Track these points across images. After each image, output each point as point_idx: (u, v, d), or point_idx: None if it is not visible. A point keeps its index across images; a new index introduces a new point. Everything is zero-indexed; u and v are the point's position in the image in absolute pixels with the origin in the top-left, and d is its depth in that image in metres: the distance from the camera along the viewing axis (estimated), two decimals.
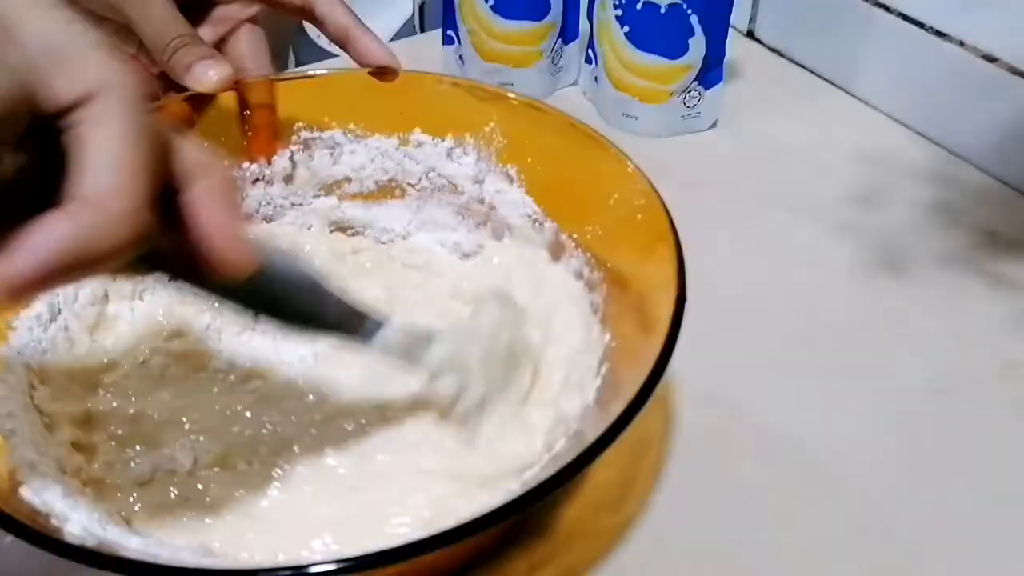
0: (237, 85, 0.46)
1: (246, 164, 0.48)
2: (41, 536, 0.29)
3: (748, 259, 0.55)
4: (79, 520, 0.32)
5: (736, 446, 0.44)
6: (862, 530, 0.40)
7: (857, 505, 0.41)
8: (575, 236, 0.44)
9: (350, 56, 0.48)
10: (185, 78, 0.44)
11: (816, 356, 0.49)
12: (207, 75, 0.44)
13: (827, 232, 0.57)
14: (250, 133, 0.48)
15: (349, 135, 0.49)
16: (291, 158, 0.49)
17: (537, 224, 0.46)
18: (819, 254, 0.56)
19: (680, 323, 0.35)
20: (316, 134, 0.48)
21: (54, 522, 0.31)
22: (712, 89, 0.65)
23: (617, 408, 0.32)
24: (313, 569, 0.28)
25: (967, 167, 0.62)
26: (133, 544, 0.33)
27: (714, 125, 0.67)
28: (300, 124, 0.48)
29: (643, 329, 0.36)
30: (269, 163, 0.48)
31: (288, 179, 0.49)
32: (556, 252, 0.45)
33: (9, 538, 0.29)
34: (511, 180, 0.47)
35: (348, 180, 0.50)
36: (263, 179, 0.49)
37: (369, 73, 0.48)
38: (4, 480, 0.33)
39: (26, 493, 0.32)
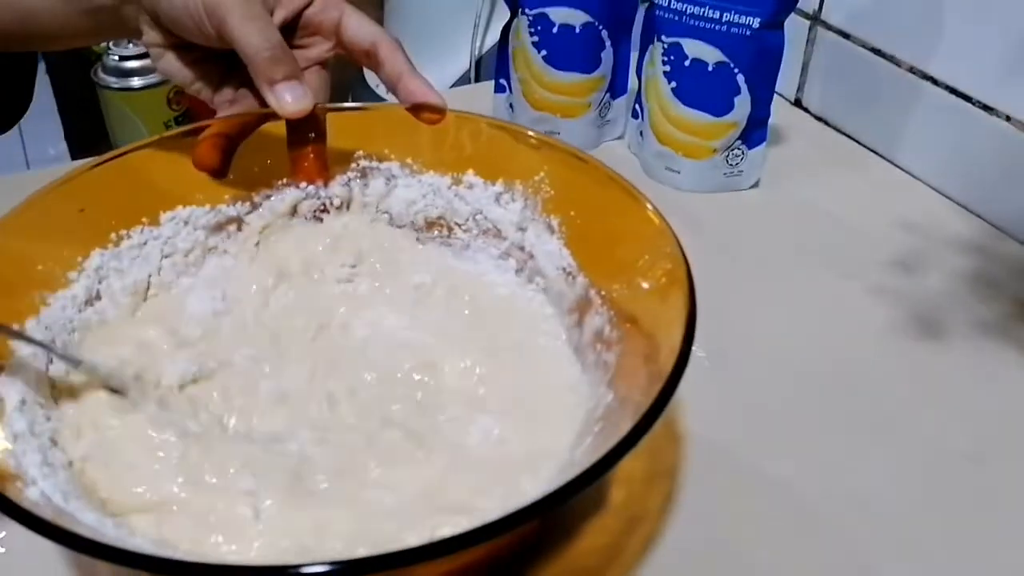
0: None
1: (303, 184, 0.49)
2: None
3: (780, 318, 0.56)
4: (44, 488, 0.33)
5: (747, 519, 0.43)
6: None
7: None
8: (603, 292, 0.44)
9: (397, 96, 0.50)
10: (266, 92, 0.46)
11: (844, 421, 0.49)
12: (285, 97, 0.46)
13: (862, 295, 0.57)
14: (298, 160, 0.49)
15: (405, 168, 0.50)
16: (347, 184, 0.50)
17: (570, 277, 0.46)
18: (853, 316, 0.56)
19: (682, 372, 0.34)
20: (374, 164, 0.50)
21: (18, 485, 0.32)
22: (755, 149, 0.67)
23: (596, 456, 0.31)
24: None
25: (1009, 241, 0.62)
26: (87, 520, 0.33)
27: (756, 185, 0.68)
28: (360, 153, 0.50)
29: (650, 383, 0.36)
30: (326, 186, 0.50)
31: (344, 205, 0.50)
32: (583, 307, 0.45)
33: None
34: (552, 231, 0.47)
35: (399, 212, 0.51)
36: (318, 198, 0.50)
37: (409, 110, 0.49)
38: None
39: (7, 456, 0.33)
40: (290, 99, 0.46)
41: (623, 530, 0.42)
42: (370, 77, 0.88)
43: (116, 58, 0.82)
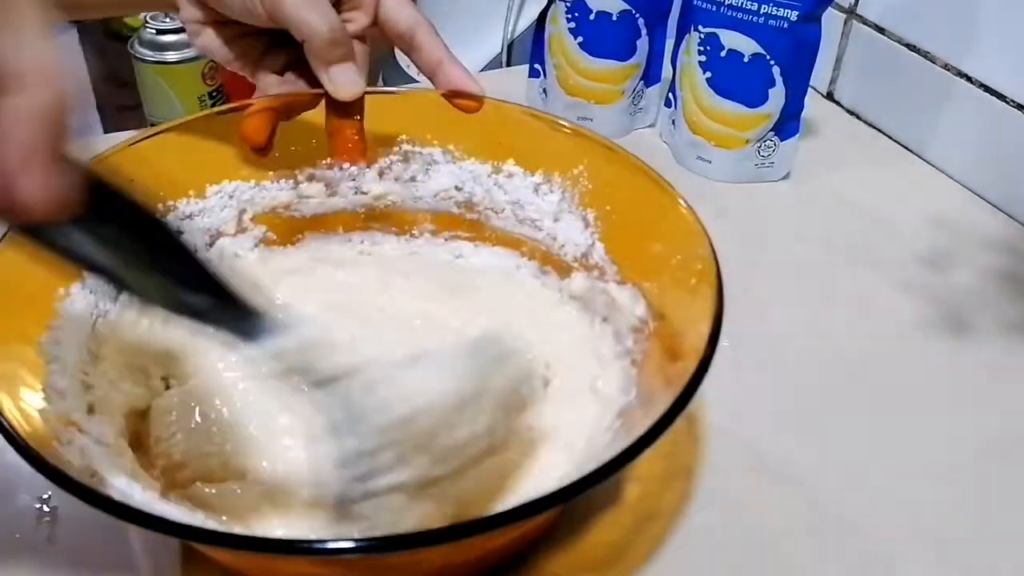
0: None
1: (346, 164, 0.50)
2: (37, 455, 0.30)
3: (806, 310, 0.56)
4: (78, 446, 0.34)
5: (764, 516, 0.43)
6: None
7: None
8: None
9: (435, 83, 0.50)
10: (321, 74, 0.47)
11: (867, 415, 0.49)
12: (340, 79, 0.47)
13: (889, 289, 0.58)
14: (339, 139, 0.50)
15: (447, 155, 0.51)
16: (389, 166, 0.51)
17: (601, 273, 0.47)
18: (879, 311, 0.57)
19: (704, 374, 0.34)
20: (416, 148, 0.51)
21: (54, 444, 0.33)
22: (787, 141, 0.67)
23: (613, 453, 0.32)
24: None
25: None
26: (118, 483, 0.34)
27: (786, 176, 0.69)
28: (403, 137, 0.50)
29: (670, 380, 0.36)
30: (368, 166, 0.50)
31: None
32: (610, 304, 0.46)
33: None
34: (587, 224, 0.48)
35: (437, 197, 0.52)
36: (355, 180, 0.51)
37: (445, 96, 0.49)
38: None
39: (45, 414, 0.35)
40: (345, 81, 0.47)
41: (634, 527, 0.42)
42: (401, 57, 0.89)
43: (153, 31, 0.82)
